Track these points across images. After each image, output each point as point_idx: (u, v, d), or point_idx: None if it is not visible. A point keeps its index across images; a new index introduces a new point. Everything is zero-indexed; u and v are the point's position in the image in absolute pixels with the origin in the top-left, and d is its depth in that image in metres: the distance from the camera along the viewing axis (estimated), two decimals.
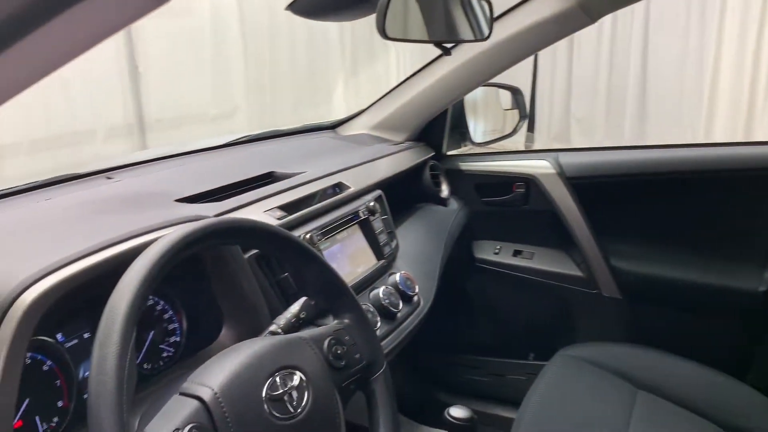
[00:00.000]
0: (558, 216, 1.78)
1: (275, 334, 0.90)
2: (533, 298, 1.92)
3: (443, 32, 1.15)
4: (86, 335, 0.88)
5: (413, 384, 2.01)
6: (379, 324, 1.20)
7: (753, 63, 4.43)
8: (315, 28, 4.59)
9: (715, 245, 1.69)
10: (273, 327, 0.92)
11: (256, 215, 1.11)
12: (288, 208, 1.18)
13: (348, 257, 1.28)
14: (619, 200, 1.79)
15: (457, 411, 1.15)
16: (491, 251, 1.93)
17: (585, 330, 1.84)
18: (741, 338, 1.68)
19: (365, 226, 1.36)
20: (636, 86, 5.01)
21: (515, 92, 1.97)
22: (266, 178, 1.37)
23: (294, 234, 1.00)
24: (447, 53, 1.16)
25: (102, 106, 3.35)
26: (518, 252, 1.90)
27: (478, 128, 2.01)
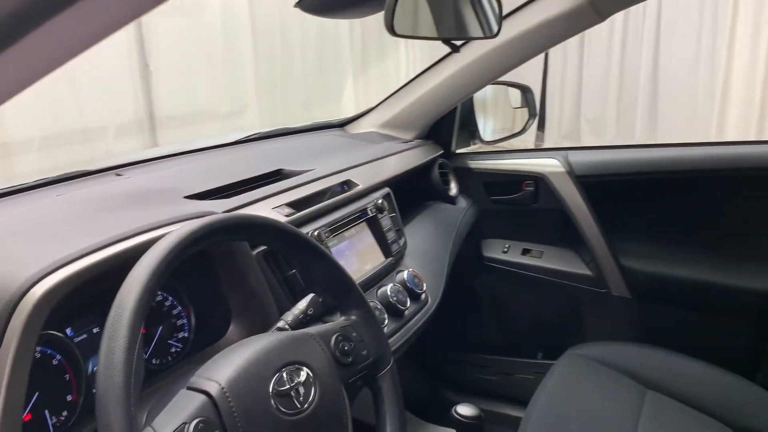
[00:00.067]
0: (567, 215, 1.77)
1: (283, 330, 0.91)
2: (542, 297, 1.91)
3: (452, 29, 1.15)
4: (95, 330, 0.89)
5: (421, 382, 2.01)
6: (387, 321, 1.20)
7: (766, 62, 4.40)
8: (325, 26, 4.59)
9: (726, 244, 1.68)
10: (281, 323, 0.93)
11: (265, 212, 1.12)
12: (296, 205, 1.19)
13: (356, 254, 1.28)
14: (629, 199, 1.79)
15: (465, 409, 1.15)
16: (500, 250, 1.92)
17: (594, 329, 1.84)
18: (751, 338, 1.67)
19: (373, 224, 1.36)
20: (647, 86, 4.98)
21: (525, 90, 1.97)
22: (275, 176, 1.37)
23: (302, 231, 1.00)
24: (456, 50, 1.16)
25: (113, 104, 3.36)
26: (527, 251, 1.90)
27: (488, 126, 2.01)
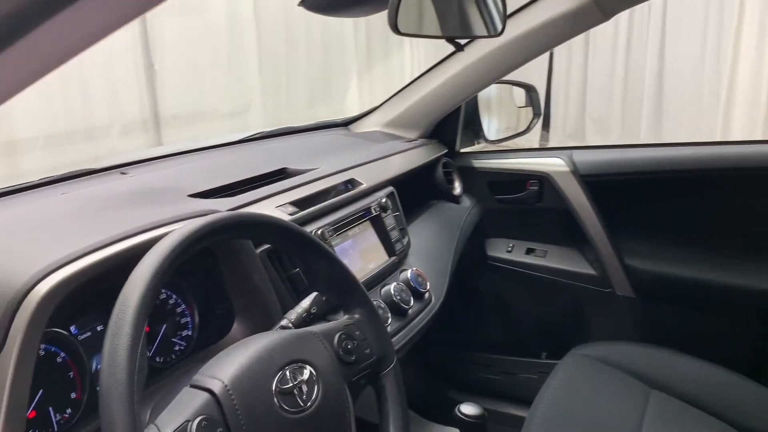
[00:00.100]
0: (571, 214, 1.77)
1: (286, 329, 0.91)
2: (546, 297, 1.91)
3: (456, 28, 1.15)
4: (99, 328, 0.89)
5: (424, 381, 2.01)
6: (390, 320, 1.20)
7: None
8: (330, 25, 4.59)
9: (730, 244, 1.68)
10: (284, 322, 0.93)
11: (269, 211, 1.12)
12: (300, 204, 1.19)
13: (359, 253, 1.28)
14: (633, 198, 1.78)
15: (468, 408, 1.15)
16: (504, 249, 1.92)
17: (598, 329, 1.83)
18: (756, 338, 1.66)
19: (377, 223, 1.36)
20: (652, 85, 4.97)
21: (529, 89, 1.96)
22: (279, 174, 1.37)
23: (306, 229, 1.00)
24: (460, 49, 1.16)
25: (118, 103, 3.37)
26: (531, 250, 1.89)
27: (492, 126, 2.00)
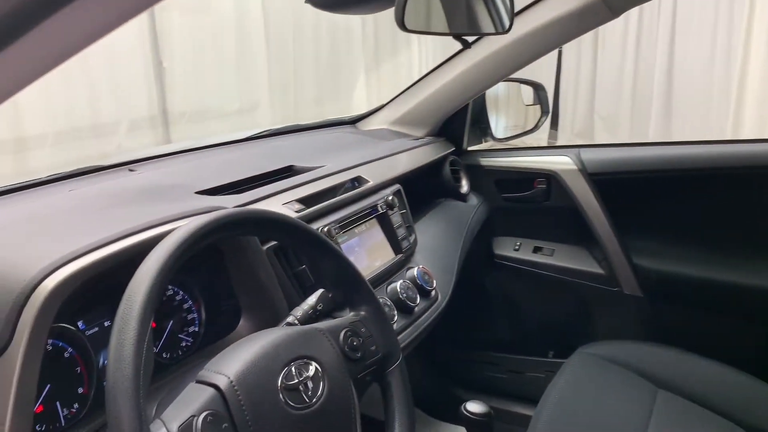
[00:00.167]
0: (579, 213, 1.76)
1: (292, 326, 0.91)
2: (553, 295, 1.90)
3: (463, 24, 1.14)
4: (107, 323, 0.89)
5: (430, 379, 2.01)
6: (396, 318, 1.20)
7: None
8: (337, 22, 4.59)
9: (739, 243, 1.67)
10: (290, 318, 0.93)
11: (275, 208, 1.12)
12: (307, 201, 1.19)
13: (366, 251, 1.28)
14: (642, 197, 1.77)
15: (474, 406, 1.14)
16: (511, 248, 1.92)
17: (605, 328, 1.83)
18: (764, 338, 1.65)
19: (383, 220, 1.36)
20: (662, 84, 4.94)
21: (537, 88, 1.96)
22: (286, 172, 1.37)
23: (312, 227, 1.00)
24: (466, 46, 1.15)
25: (127, 100, 3.38)
26: (538, 249, 1.89)
27: (499, 124, 2.00)
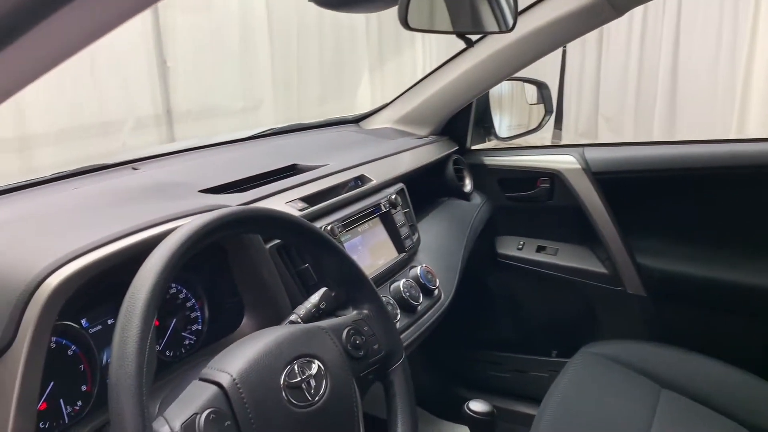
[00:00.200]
0: (583, 212, 1.76)
1: (295, 324, 0.91)
2: (556, 295, 1.90)
3: (467, 23, 1.14)
4: (110, 321, 0.90)
5: (433, 378, 2.01)
6: (399, 317, 1.20)
7: None
8: (341, 21, 4.59)
9: (743, 243, 1.66)
10: (293, 317, 0.93)
11: (279, 206, 1.12)
12: (310, 200, 1.19)
13: (369, 249, 1.28)
14: (645, 196, 1.77)
15: (477, 405, 1.14)
16: (514, 247, 1.91)
17: (609, 327, 1.82)
18: (767, 337, 1.65)
19: (386, 219, 1.36)
20: (666, 83, 4.92)
21: (541, 86, 1.96)
22: (289, 170, 1.37)
23: (315, 225, 1.00)
24: (470, 44, 1.15)
25: (131, 99, 3.39)
26: (542, 248, 1.88)
27: (503, 123, 2.00)
